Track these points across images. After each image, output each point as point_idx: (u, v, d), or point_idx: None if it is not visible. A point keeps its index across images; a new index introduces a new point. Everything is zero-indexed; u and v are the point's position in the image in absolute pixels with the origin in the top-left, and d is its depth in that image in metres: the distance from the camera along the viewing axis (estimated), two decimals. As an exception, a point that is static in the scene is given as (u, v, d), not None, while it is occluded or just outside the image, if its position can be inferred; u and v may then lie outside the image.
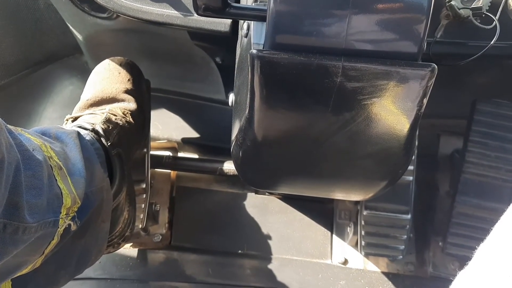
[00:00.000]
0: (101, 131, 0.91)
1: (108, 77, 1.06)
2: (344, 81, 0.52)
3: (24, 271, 0.71)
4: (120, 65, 1.09)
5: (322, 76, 0.52)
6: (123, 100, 1.04)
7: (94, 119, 0.94)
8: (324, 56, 0.51)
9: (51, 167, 0.71)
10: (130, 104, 1.04)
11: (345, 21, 0.50)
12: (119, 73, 1.07)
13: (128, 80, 1.07)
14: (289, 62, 0.52)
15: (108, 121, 0.95)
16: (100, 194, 0.84)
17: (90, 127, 0.91)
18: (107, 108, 1.00)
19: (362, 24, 0.51)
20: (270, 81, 0.54)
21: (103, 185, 0.85)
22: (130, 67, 1.11)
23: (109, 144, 0.91)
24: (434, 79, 0.53)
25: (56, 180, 0.71)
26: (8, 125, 0.65)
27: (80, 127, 0.91)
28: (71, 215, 0.75)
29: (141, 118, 1.07)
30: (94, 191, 0.81)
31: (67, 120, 0.96)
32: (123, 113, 1.01)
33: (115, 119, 0.98)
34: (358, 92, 0.54)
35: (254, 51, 0.52)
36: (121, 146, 0.95)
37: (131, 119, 1.02)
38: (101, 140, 0.90)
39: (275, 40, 0.52)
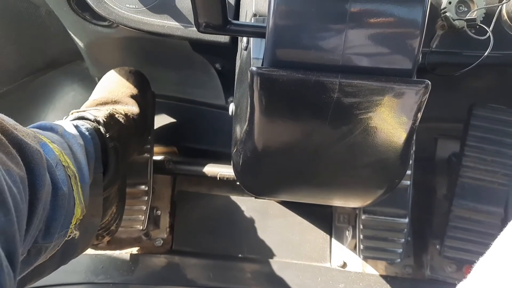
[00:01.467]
0: (102, 122, 0.95)
1: (116, 82, 1.12)
2: (341, 97, 0.54)
3: None
4: (130, 72, 1.15)
5: (319, 92, 0.54)
6: (127, 104, 1.08)
7: (98, 113, 0.98)
8: (322, 73, 0.53)
9: (69, 177, 0.73)
10: (134, 108, 1.08)
11: (341, 39, 0.52)
12: (127, 79, 1.12)
13: (135, 86, 1.12)
14: (287, 79, 0.53)
15: (110, 116, 0.99)
16: (92, 189, 0.86)
17: (92, 118, 0.94)
18: (111, 107, 1.04)
19: (358, 42, 0.53)
20: (269, 97, 0.56)
21: (96, 179, 0.88)
22: (139, 76, 1.16)
23: (108, 135, 0.94)
24: (427, 94, 0.54)
25: (73, 190, 0.73)
26: (33, 132, 0.66)
27: (83, 117, 0.94)
28: (77, 224, 0.77)
29: (142, 122, 1.10)
30: (86, 186, 0.83)
31: (72, 114, 0.99)
32: (126, 114, 1.05)
33: (118, 116, 1.02)
34: (355, 107, 0.55)
35: (254, 69, 0.53)
36: (119, 142, 0.98)
37: (132, 121, 1.06)
38: (100, 130, 0.93)
39: (275, 57, 0.54)
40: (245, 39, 0.69)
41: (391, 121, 0.57)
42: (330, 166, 0.66)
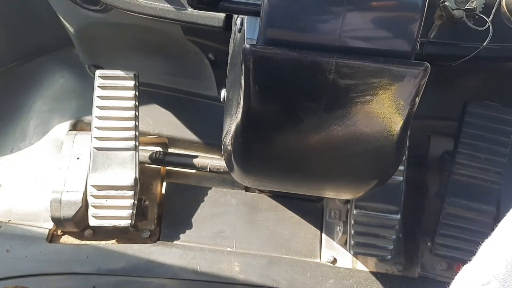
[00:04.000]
0: None
1: None
2: (337, 78, 0.52)
3: None
4: None
5: (315, 72, 0.52)
6: None
7: None
8: (318, 53, 0.51)
9: None
10: None
11: (339, 18, 0.50)
12: None
13: None
14: (282, 58, 0.51)
15: None
16: None
17: None
18: None
19: (356, 21, 0.51)
20: (263, 77, 0.54)
21: None
22: None
23: None
24: (427, 78, 0.53)
25: None
26: None
27: None
28: None
29: None
30: None
31: None
32: None
33: None
34: (351, 89, 0.53)
35: (247, 46, 0.51)
36: None
37: None
38: None
39: (269, 35, 0.52)
40: (239, 21, 0.67)
41: (388, 106, 0.55)
42: (323, 153, 0.65)
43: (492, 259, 0.47)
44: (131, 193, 1.13)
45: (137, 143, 1.15)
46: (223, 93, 0.82)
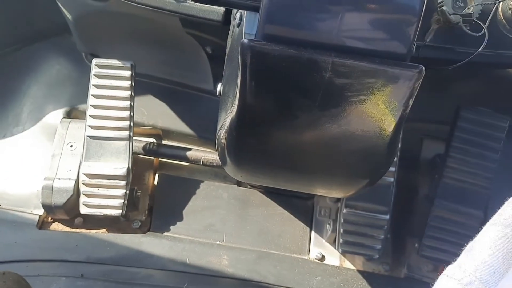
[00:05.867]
0: None
1: None
2: (333, 77, 0.53)
3: None
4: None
5: (311, 70, 0.53)
6: None
7: None
8: (315, 51, 0.51)
9: None
10: None
11: (337, 17, 0.51)
12: None
13: None
14: (279, 54, 0.52)
15: None
16: None
17: None
18: None
19: (354, 21, 0.52)
20: (259, 72, 0.54)
21: None
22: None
23: None
24: (421, 80, 0.54)
25: None
26: None
27: None
28: None
29: None
30: None
31: None
32: None
33: None
34: (346, 88, 0.54)
35: (245, 41, 0.52)
36: None
37: None
38: None
39: (267, 31, 0.52)
40: (238, 15, 0.67)
41: (382, 106, 0.56)
42: (316, 150, 0.65)
43: (475, 260, 0.48)
44: (123, 183, 1.13)
45: (131, 133, 1.16)
46: (219, 87, 0.82)
